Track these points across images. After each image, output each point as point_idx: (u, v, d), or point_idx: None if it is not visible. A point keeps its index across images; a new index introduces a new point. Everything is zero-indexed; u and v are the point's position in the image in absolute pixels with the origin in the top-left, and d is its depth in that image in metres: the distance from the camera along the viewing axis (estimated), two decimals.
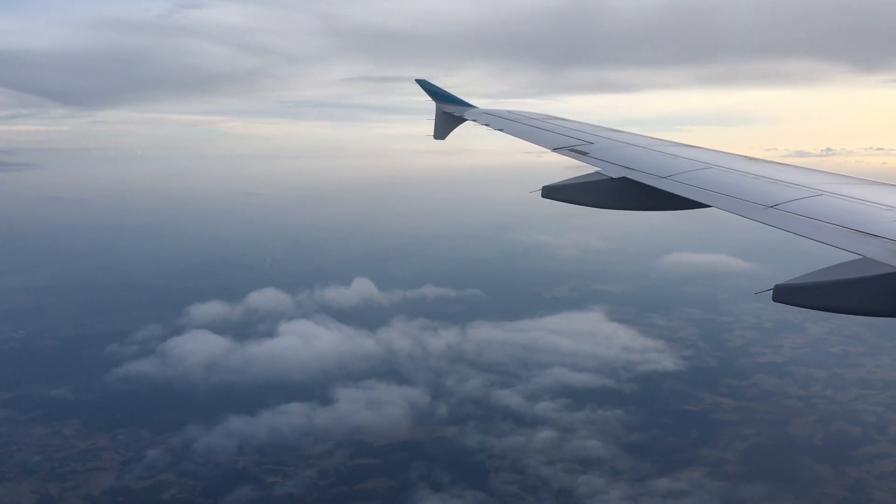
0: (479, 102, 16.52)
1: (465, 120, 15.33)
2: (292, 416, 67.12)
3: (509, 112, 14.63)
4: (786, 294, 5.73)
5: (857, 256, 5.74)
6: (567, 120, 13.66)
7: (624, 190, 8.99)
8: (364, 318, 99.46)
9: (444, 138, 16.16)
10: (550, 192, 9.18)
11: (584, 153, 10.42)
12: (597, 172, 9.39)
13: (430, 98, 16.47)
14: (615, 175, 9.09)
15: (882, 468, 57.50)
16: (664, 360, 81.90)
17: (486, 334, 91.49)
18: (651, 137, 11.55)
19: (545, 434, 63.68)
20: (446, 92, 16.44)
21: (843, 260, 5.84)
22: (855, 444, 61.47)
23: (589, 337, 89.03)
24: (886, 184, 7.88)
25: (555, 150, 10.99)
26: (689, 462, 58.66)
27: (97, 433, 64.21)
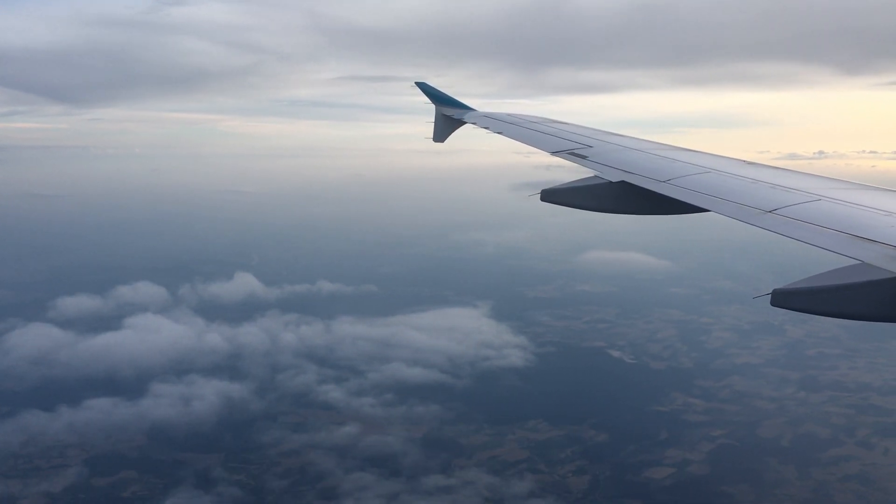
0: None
1: (465, 123, 15.44)
2: (93, 411, 66.75)
3: (508, 115, 14.73)
4: (784, 298, 5.75)
5: (856, 262, 5.75)
6: (565, 123, 13.76)
7: (622, 194, 9.07)
8: (235, 312, 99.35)
9: (443, 141, 16.26)
10: (549, 195, 9.26)
11: (583, 157, 10.49)
12: (595, 176, 9.46)
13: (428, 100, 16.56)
14: (614, 179, 9.16)
15: (847, 470, 57.95)
16: (514, 356, 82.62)
17: (349, 329, 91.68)
18: (649, 141, 11.69)
19: (347, 429, 64.18)
20: (445, 95, 16.54)
21: (840, 265, 5.86)
22: (822, 446, 62.05)
23: (449, 333, 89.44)
24: (885, 189, 7.97)
25: (554, 153, 11.08)
26: (657, 462, 58.92)
27: None
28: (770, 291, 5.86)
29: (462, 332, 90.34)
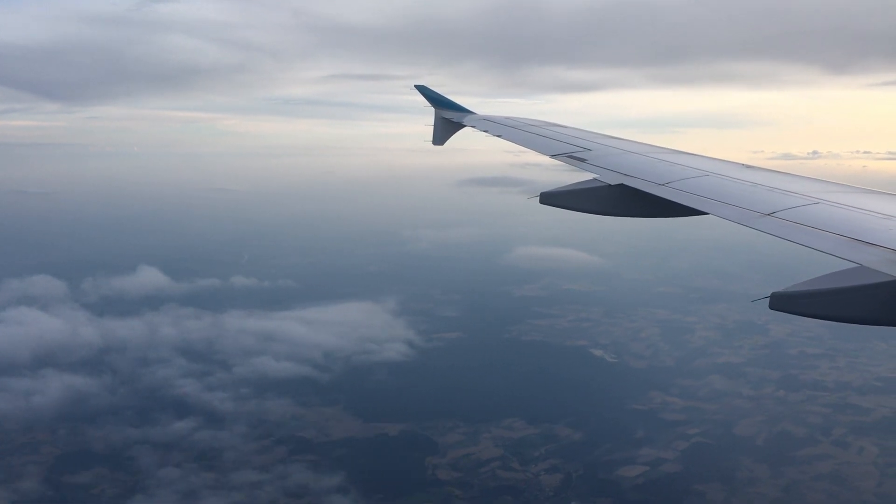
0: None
1: (464, 126, 15.56)
2: None
3: (507, 118, 14.84)
4: (783, 302, 5.72)
5: (854, 265, 5.74)
6: (564, 126, 13.88)
7: (622, 197, 9.15)
8: (132, 306, 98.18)
9: (442, 144, 16.36)
10: (548, 198, 9.31)
11: (582, 160, 10.59)
12: (594, 179, 9.53)
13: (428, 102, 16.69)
14: (613, 182, 9.23)
15: (820, 469, 58.18)
16: (394, 351, 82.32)
17: (236, 324, 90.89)
18: (648, 144, 11.80)
19: (183, 424, 63.80)
20: (445, 98, 16.67)
21: (836, 268, 5.86)
22: (797, 444, 62.36)
23: (336, 327, 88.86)
24: (885, 192, 8.04)
25: (553, 156, 11.18)
26: (631, 460, 58.82)
27: None
28: (768, 294, 5.81)
29: (350, 326, 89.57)
